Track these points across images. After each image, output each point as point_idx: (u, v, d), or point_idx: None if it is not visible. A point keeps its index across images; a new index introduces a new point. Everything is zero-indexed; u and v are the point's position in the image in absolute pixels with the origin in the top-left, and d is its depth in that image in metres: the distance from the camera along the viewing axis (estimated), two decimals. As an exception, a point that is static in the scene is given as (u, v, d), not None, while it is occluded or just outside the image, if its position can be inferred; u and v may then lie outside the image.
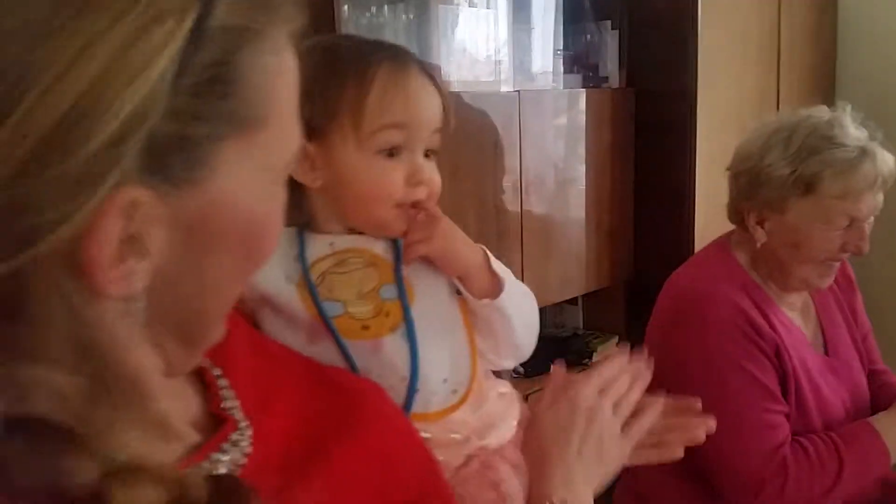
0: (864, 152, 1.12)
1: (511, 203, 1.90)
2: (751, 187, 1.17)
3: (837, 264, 1.21)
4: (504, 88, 1.87)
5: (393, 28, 1.66)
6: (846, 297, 1.35)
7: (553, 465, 0.73)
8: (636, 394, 0.78)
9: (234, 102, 0.39)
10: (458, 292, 0.76)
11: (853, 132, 1.14)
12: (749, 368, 1.12)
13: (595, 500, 0.74)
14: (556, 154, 2.00)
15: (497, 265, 0.77)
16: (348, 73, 0.69)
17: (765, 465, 1.09)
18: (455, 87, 1.74)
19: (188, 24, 0.36)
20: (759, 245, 1.19)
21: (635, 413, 0.78)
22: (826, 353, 1.28)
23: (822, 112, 1.18)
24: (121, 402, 0.37)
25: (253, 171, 0.41)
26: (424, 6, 1.69)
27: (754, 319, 1.14)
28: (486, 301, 0.75)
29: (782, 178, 1.13)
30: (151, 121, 0.35)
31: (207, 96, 0.37)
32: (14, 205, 0.33)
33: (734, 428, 1.08)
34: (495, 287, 0.75)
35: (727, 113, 2.18)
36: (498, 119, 1.83)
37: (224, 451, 0.46)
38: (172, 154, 0.37)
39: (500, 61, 1.87)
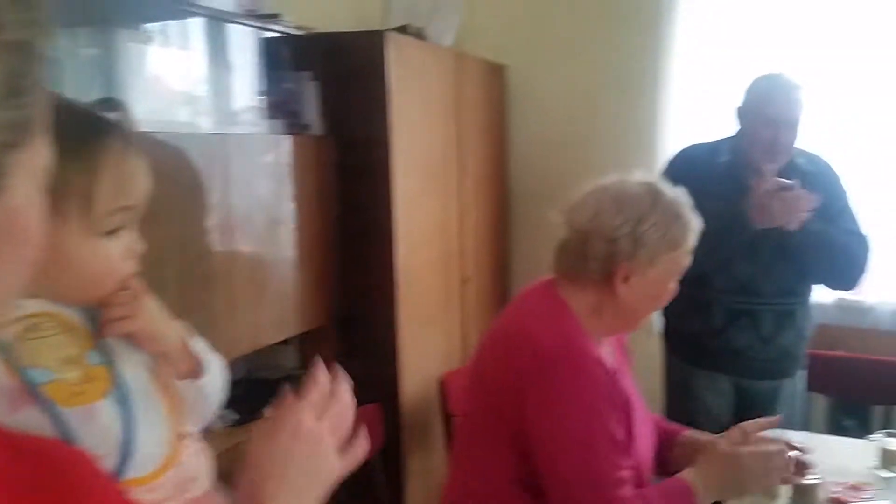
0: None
1: (218, 245, 1.87)
2: (633, 248, 1.23)
3: None
4: (205, 129, 1.85)
5: (76, 61, 1.56)
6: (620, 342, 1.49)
7: (273, 490, 0.73)
8: (349, 413, 0.83)
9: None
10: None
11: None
12: (611, 425, 1.19)
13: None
14: (263, 196, 2.02)
15: (198, 346, 0.80)
16: (70, 154, 0.63)
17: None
18: (148, 127, 1.69)
19: None
20: (620, 298, 1.26)
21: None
22: None
23: (651, 177, 1.33)
24: None
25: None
26: (111, 41, 1.62)
27: (610, 372, 1.23)
28: (186, 381, 0.79)
29: (658, 239, 1.24)
30: None
31: None
32: None
33: (594, 482, 1.15)
34: (194, 369, 0.79)
35: (418, 160, 2.42)
36: (200, 160, 1.80)
37: None
38: None
39: (199, 100, 1.85)
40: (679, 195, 1.31)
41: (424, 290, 2.50)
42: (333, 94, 2.25)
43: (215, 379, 0.84)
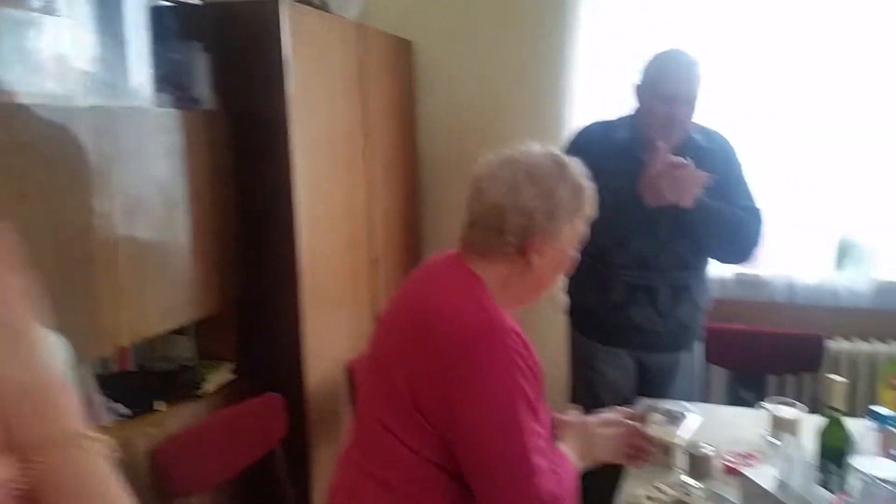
0: None
1: (103, 228, 1.74)
2: (547, 220, 1.25)
3: None
4: (86, 102, 1.71)
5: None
6: None
7: None
8: None
9: None
10: None
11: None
12: (531, 395, 1.18)
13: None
14: (152, 175, 1.90)
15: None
16: None
17: (540, 498, 1.16)
18: (25, 100, 1.55)
19: None
20: (533, 270, 1.27)
21: None
22: None
23: (553, 148, 1.34)
24: None
25: None
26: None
27: (527, 343, 1.22)
28: None
29: (567, 209, 1.27)
30: None
31: None
32: None
33: (520, 467, 1.14)
34: None
35: (321, 137, 2.33)
36: (82, 134, 1.67)
37: None
38: None
39: (81, 72, 1.71)
40: (578, 164, 1.33)
41: (330, 272, 2.42)
42: (226, 66, 2.14)
43: None
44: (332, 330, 2.43)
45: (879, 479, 1.14)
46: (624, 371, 2.13)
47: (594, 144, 2.04)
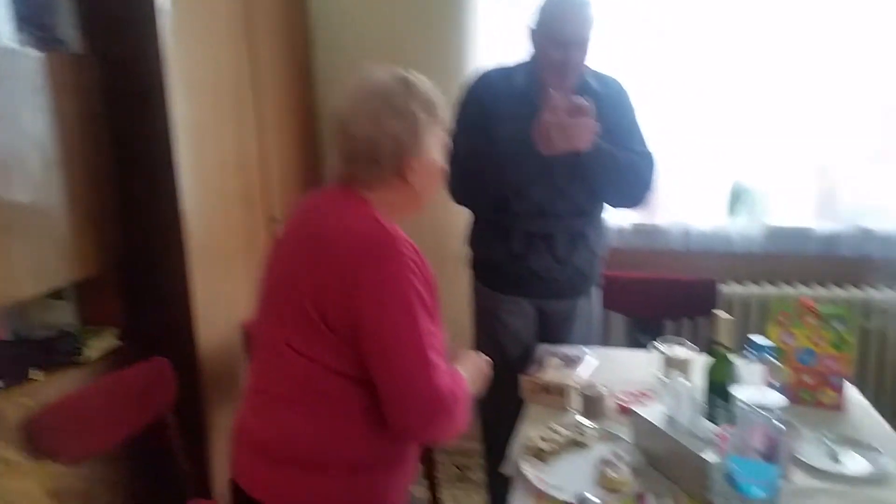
0: None
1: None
2: (414, 140, 1.32)
3: None
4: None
5: None
6: None
7: None
8: None
9: None
10: None
11: None
12: (427, 301, 1.25)
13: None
14: (12, 122, 1.72)
15: None
16: None
17: (439, 390, 1.22)
18: None
19: None
20: (412, 189, 1.35)
21: None
22: None
23: (393, 68, 1.38)
24: None
25: None
26: None
27: (421, 255, 1.29)
28: None
29: (427, 123, 1.33)
30: None
31: None
32: None
33: (419, 360, 1.21)
34: None
35: (203, 83, 2.18)
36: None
37: None
38: None
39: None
40: (421, 78, 1.39)
41: (222, 229, 2.30)
42: (93, 6, 1.96)
43: None
44: (227, 291, 2.32)
45: (756, 407, 1.18)
46: (525, 319, 2.14)
47: (492, 90, 2.01)
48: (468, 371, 1.42)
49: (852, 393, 1.79)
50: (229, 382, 2.30)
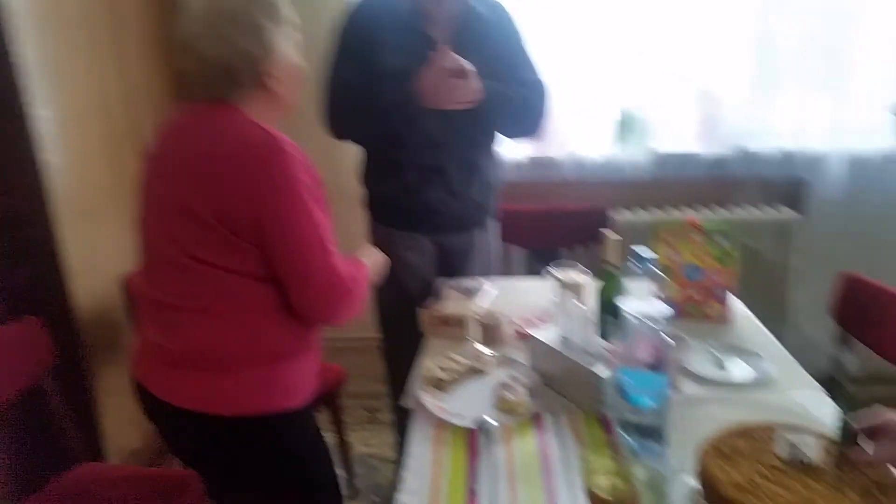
0: None
1: None
2: (266, 51, 1.32)
3: None
4: None
5: None
6: None
7: None
8: None
9: None
10: None
11: None
12: (317, 194, 1.31)
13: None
14: None
15: None
16: None
17: (337, 271, 1.32)
18: None
19: None
20: (276, 94, 1.37)
21: None
22: None
23: None
24: None
25: None
26: None
27: (305, 154, 1.31)
28: None
29: (274, 30, 1.33)
30: None
31: None
32: None
33: (317, 246, 1.29)
34: None
35: (49, 14, 1.97)
36: None
37: None
38: None
39: None
40: None
41: (89, 177, 2.13)
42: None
43: None
44: (102, 242, 2.17)
45: (643, 318, 1.20)
46: (424, 255, 2.10)
47: (373, 18, 1.91)
48: (369, 259, 1.55)
49: (736, 304, 1.87)
50: (112, 338, 2.17)
